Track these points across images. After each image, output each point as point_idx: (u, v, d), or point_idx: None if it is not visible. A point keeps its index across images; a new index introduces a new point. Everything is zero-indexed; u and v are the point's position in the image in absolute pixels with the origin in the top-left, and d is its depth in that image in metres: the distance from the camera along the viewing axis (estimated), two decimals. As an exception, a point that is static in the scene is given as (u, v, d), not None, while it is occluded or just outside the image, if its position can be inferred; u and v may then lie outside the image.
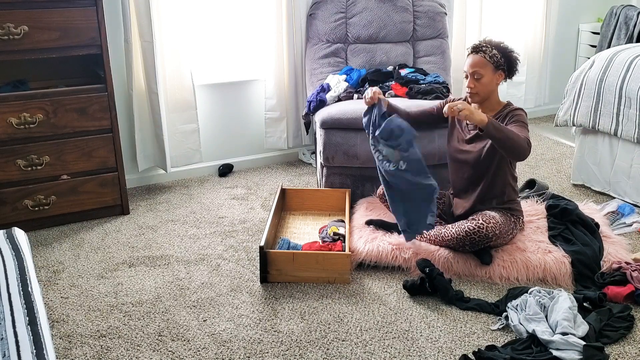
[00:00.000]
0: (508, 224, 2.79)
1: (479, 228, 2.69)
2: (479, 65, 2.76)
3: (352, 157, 3.32)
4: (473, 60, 2.78)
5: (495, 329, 2.36)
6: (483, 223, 2.70)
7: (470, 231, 2.70)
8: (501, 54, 2.77)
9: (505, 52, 2.79)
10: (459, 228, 2.76)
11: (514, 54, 2.83)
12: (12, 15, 2.94)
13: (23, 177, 3.13)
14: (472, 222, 2.73)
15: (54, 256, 2.99)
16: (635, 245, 2.98)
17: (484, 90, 2.78)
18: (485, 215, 2.75)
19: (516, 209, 2.89)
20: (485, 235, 2.68)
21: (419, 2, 4.08)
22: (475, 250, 2.76)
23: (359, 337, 2.33)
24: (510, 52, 2.81)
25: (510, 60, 2.81)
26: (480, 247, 2.73)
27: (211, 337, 2.34)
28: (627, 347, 2.24)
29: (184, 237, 3.19)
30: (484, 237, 2.69)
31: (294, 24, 3.99)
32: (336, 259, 2.69)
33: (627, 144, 3.39)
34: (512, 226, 2.82)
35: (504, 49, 2.80)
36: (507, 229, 2.79)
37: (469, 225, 2.72)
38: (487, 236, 2.69)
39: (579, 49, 5.35)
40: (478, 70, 2.76)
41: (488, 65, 2.76)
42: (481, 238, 2.69)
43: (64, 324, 2.43)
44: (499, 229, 2.71)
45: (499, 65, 2.77)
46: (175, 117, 3.82)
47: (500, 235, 2.73)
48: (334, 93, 3.63)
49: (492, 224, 2.70)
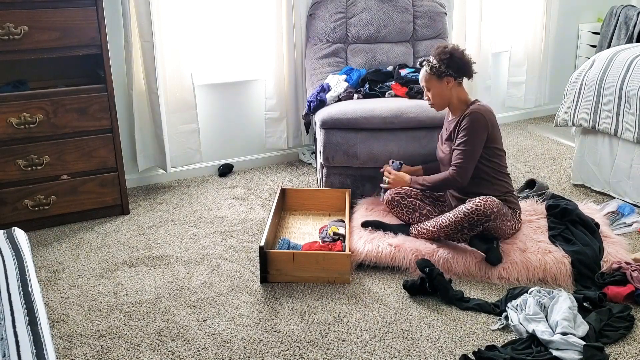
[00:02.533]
0: (506, 209, 2.81)
1: (477, 206, 2.71)
2: (424, 80, 2.92)
3: (352, 157, 3.32)
4: (420, 75, 2.94)
5: (495, 329, 2.36)
6: (480, 201, 2.72)
7: (468, 211, 2.72)
8: (441, 62, 2.82)
9: (446, 58, 2.82)
10: (456, 211, 2.78)
11: (458, 55, 2.85)
12: (12, 15, 2.94)
13: (23, 177, 3.13)
14: (469, 203, 2.75)
15: (54, 256, 2.99)
16: (635, 245, 2.98)
17: (438, 99, 2.92)
18: (483, 196, 2.77)
19: (512, 201, 2.90)
20: (483, 212, 2.69)
21: (419, 2, 4.08)
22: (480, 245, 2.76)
23: (359, 337, 2.33)
24: (452, 56, 2.83)
25: (457, 62, 2.83)
26: (479, 228, 2.74)
27: (211, 337, 2.34)
28: (627, 347, 2.24)
29: (184, 237, 3.19)
30: (482, 215, 2.70)
31: (294, 24, 3.99)
32: (336, 259, 2.69)
33: (627, 144, 3.39)
34: (510, 214, 2.83)
35: (445, 55, 2.83)
36: (505, 212, 2.79)
37: (467, 206, 2.75)
38: (485, 214, 2.70)
39: (579, 49, 5.34)
40: (425, 85, 2.93)
41: (431, 77, 2.87)
42: (480, 216, 2.70)
43: (64, 324, 2.43)
44: (496, 207, 2.72)
45: (441, 73, 2.84)
46: (175, 117, 3.82)
47: (498, 214, 2.73)
48: (334, 93, 3.63)
49: (489, 202, 2.72)
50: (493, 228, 2.77)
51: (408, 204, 3.01)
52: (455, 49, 2.88)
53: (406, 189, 3.05)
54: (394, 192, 3.05)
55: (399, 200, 3.02)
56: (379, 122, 3.30)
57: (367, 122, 3.30)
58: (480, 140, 2.81)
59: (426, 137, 3.29)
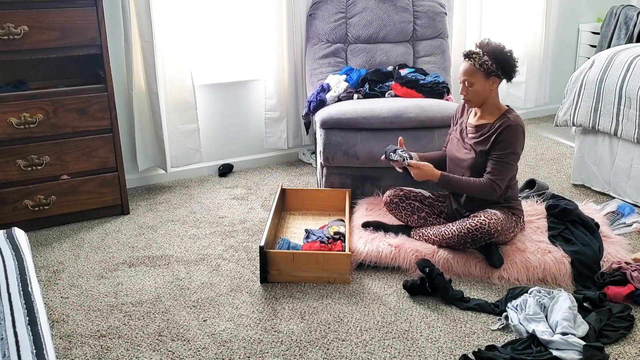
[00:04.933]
0: (510, 221, 2.80)
1: (481, 225, 2.69)
2: (469, 74, 2.74)
3: (352, 157, 3.32)
4: (464, 67, 2.76)
5: (495, 329, 2.36)
6: (485, 219, 2.70)
7: (472, 228, 2.70)
8: (493, 60, 2.69)
9: (498, 57, 2.71)
10: (460, 225, 2.76)
11: (509, 56, 2.74)
12: (12, 15, 2.94)
13: (23, 177, 3.13)
14: (474, 219, 2.73)
15: (54, 256, 2.99)
16: (635, 245, 2.98)
17: (477, 97, 2.77)
18: (487, 212, 2.75)
19: (517, 207, 2.88)
20: (487, 231, 2.68)
21: (419, 2, 4.08)
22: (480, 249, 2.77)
23: (359, 337, 2.33)
24: (504, 56, 2.72)
25: (505, 64, 2.72)
26: (482, 244, 2.74)
27: (211, 337, 2.34)
28: (627, 347, 2.24)
29: (184, 237, 3.19)
30: (486, 234, 2.69)
31: (294, 24, 3.99)
32: (336, 259, 2.69)
33: (627, 144, 3.39)
34: (513, 224, 2.82)
35: (498, 53, 2.71)
36: (509, 225, 2.79)
37: (471, 222, 2.72)
38: (489, 232, 2.69)
39: (579, 49, 5.34)
40: (468, 79, 2.74)
41: (478, 72, 2.72)
42: (483, 234, 2.69)
43: (64, 324, 2.43)
44: (500, 225, 2.71)
45: (490, 72, 2.70)
46: (175, 117, 3.82)
47: (502, 231, 2.73)
48: (334, 93, 3.63)
49: (493, 220, 2.69)
50: (495, 241, 2.78)
51: (407, 206, 3.00)
52: (509, 50, 2.76)
53: (405, 190, 3.03)
54: (392, 193, 3.03)
55: (398, 202, 3.00)
56: (379, 122, 3.30)
57: (367, 122, 3.30)
58: (519, 154, 2.77)
59: (426, 137, 3.29)
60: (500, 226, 2.71)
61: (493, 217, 2.71)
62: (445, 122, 3.25)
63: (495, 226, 2.69)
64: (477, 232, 2.70)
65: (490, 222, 2.68)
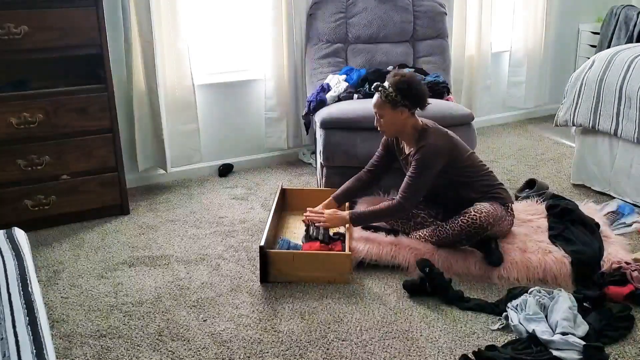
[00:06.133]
0: (499, 210, 2.80)
1: (473, 220, 2.70)
2: (377, 106, 2.82)
3: (352, 157, 3.32)
4: (373, 100, 2.85)
5: (495, 329, 2.36)
6: (475, 214, 2.71)
7: (464, 224, 2.72)
8: (397, 92, 2.73)
9: (402, 88, 2.74)
10: (453, 224, 2.77)
11: (414, 86, 2.77)
12: (12, 15, 2.94)
13: (23, 177, 3.13)
14: (465, 215, 2.74)
15: (54, 256, 2.99)
16: (635, 245, 2.98)
17: (390, 127, 2.85)
18: (476, 207, 2.76)
19: (500, 194, 2.87)
20: (480, 226, 2.70)
21: (419, 2, 4.08)
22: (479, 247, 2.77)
23: (359, 337, 2.33)
24: (409, 87, 2.75)
25: (408, 94, 2.75)
26: (477, 238, 2.75)
27: (211, 337, 2.34)
28: (627, 347, 2.24)
29: (184, 237, 3.19)
30: (479, 228, 2.71)
31: (294, 24, 3.99)
32: (336, 259, 2.69)
33: (627, 144, 3.39)
34: (503, 212, 2.83)
35: (401, 84, 2.74)
36: (500, 214, 2.79)
37: (462, 219, 2.74)
38: (482, 226, 2.70)
39: (579, 49, 5.34)
40: (378, 111, 2.84)
41: (385, 104, 2.78)
42: (477, 229, 2.71)
43: (64, 324, 2.43)
44: (492, 217, 2.72)
45: (396, 103, 2.75)
46: (175, 117, 3.82)
47: (494, 223, 2.74)
48: (334, 93, 3.63)
49: (484, 214, 2.71)
50: (491, 232, 2.78)
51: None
52: (413, 79, 2.81)
53: None
54: None
55: None
56: (379, 122, 3.29)
57: (367, 122, 3.30)
58: (433, 172, 2.78)
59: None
60: (492, 218, 2.72)
61: (483, 210, 2.72)
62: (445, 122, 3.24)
63: (487, 219, 2.70)
64: (470, 229, 2.71)
65: (481, 217, 2.70)
